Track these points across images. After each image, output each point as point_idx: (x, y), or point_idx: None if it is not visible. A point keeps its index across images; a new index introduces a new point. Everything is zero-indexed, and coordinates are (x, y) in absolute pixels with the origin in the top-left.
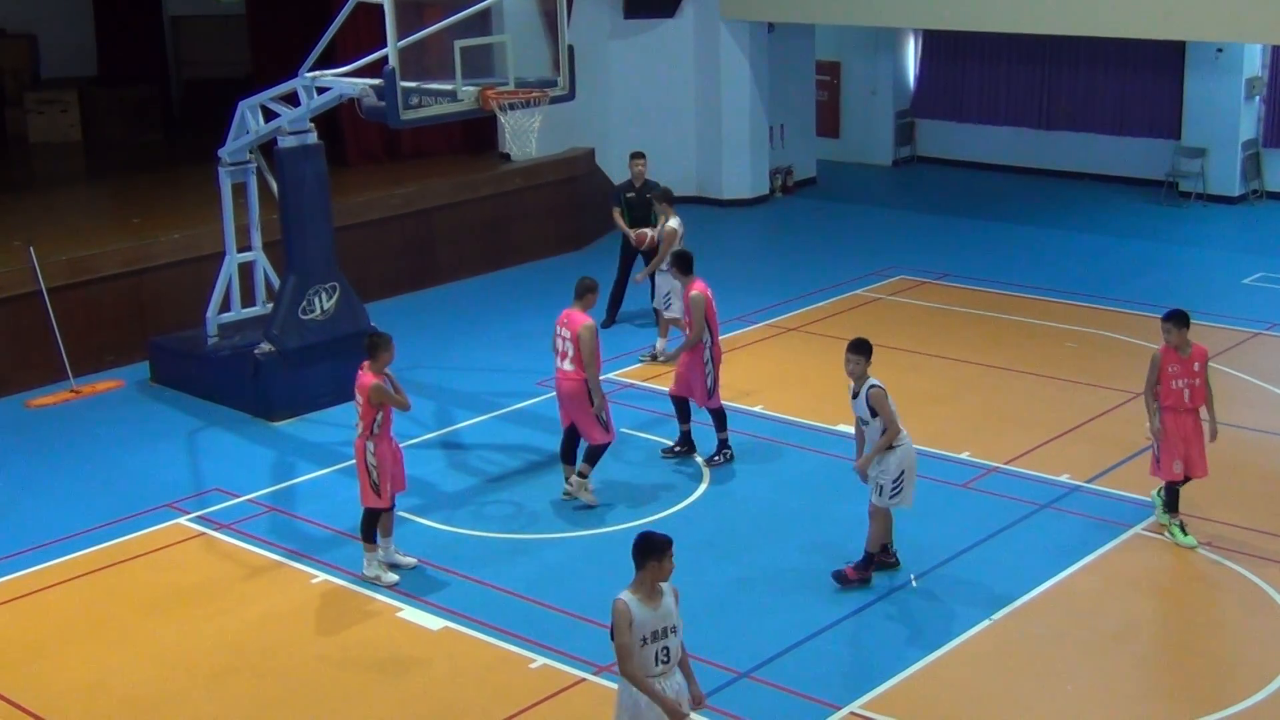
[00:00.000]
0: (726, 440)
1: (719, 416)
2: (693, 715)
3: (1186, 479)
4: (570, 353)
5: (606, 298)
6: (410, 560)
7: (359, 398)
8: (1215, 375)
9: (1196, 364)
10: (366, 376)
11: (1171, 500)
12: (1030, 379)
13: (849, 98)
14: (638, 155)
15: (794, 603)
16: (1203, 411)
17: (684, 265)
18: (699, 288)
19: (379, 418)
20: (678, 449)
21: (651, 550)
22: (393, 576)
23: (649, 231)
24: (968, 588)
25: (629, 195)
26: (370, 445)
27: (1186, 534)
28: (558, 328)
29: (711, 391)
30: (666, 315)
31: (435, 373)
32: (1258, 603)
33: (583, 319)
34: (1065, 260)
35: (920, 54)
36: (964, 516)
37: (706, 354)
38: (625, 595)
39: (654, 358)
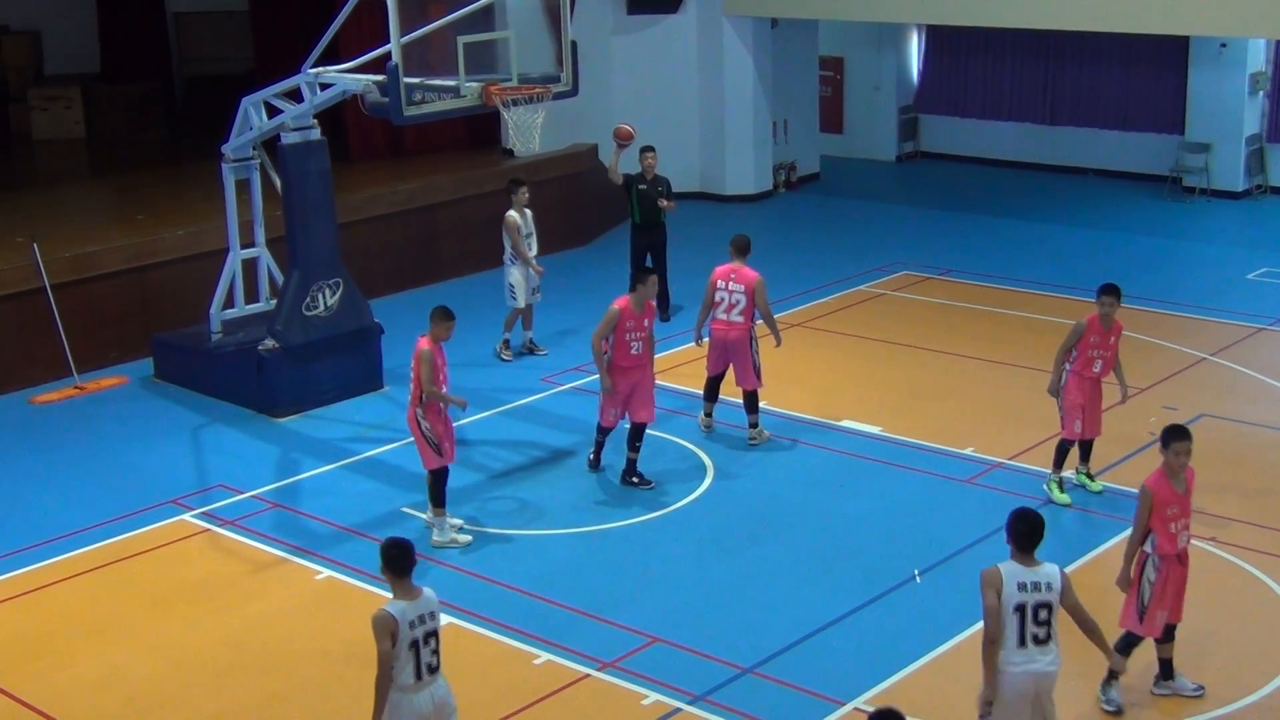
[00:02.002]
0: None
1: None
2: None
3: (1086, 440)
4: (741, 304)
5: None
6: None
7: (413, 363)
8: (1219, 370)
9: (1113, 338)
10: (422, 341)
11: (1060, 458)
12: (1034, 374)
13: (852, 93)
14: (648, 149)
15: (798, 598)
16: (1111, 375)
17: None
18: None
19: (437, 388)
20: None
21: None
22: (466, 537)
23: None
24: (972, 583)
25: (640, 187)
26: (420, 412)
27: (1064, 491)
28: (723, 282)
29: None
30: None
31: None
32: (1261, 597)
33: (753, 273)
34: (1069, 256)
35: (924, 49)
36: (968, 512)
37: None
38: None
39: (531, 351)
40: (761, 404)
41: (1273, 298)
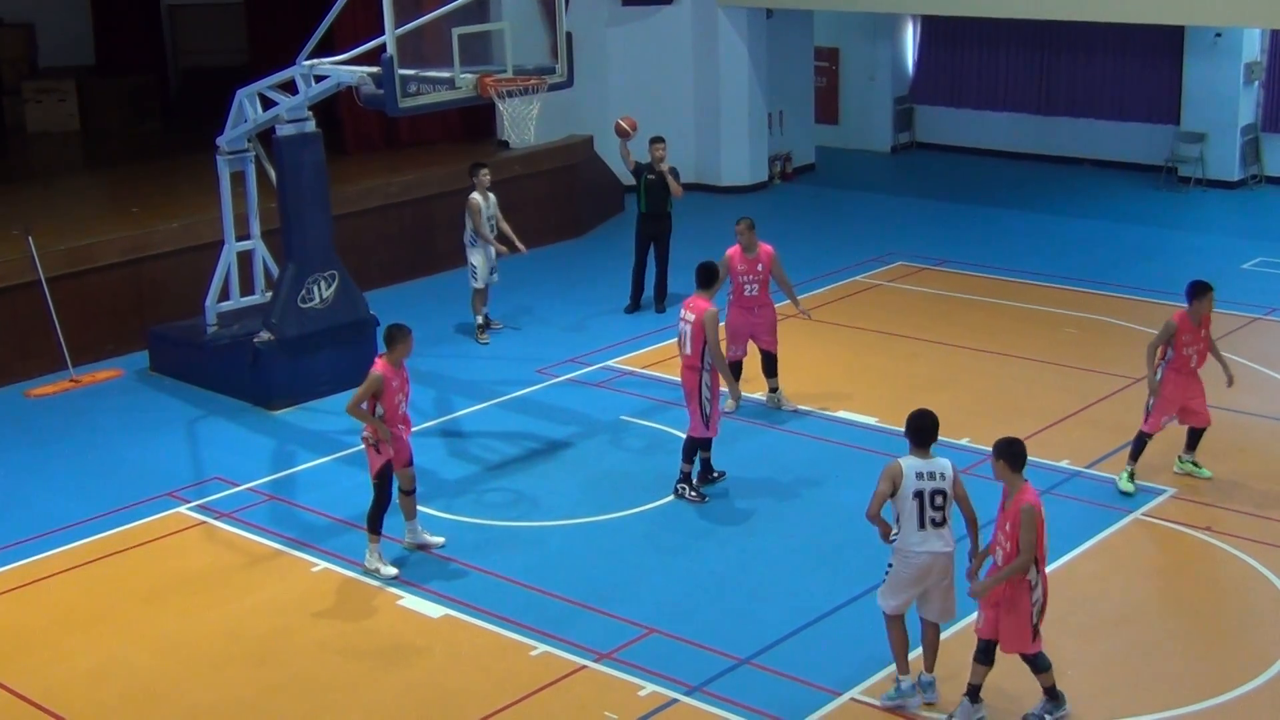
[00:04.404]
0: (690, 475)
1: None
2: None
3: (1196, 430)
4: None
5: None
6: (438, 539)
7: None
8: (1215, 360)
9: (1204, 330)
10: (378, 363)
11: (1137, 449)
12: (1030, 365)
13: (848, 84)
14: (657, 140)
15: (795, 588)
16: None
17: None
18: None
19: (378, 409)
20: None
21: None
22: (391, 570)
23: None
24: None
25: (650, 177)
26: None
27: (1132, 482)
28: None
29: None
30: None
31: (434, 361)
32: (1258, 587)
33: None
34: (1064, 246)
35: (919, 40)
36: None
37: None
38: None
39: (488, 329)
40: (758, 395)
41: (1268, 287)
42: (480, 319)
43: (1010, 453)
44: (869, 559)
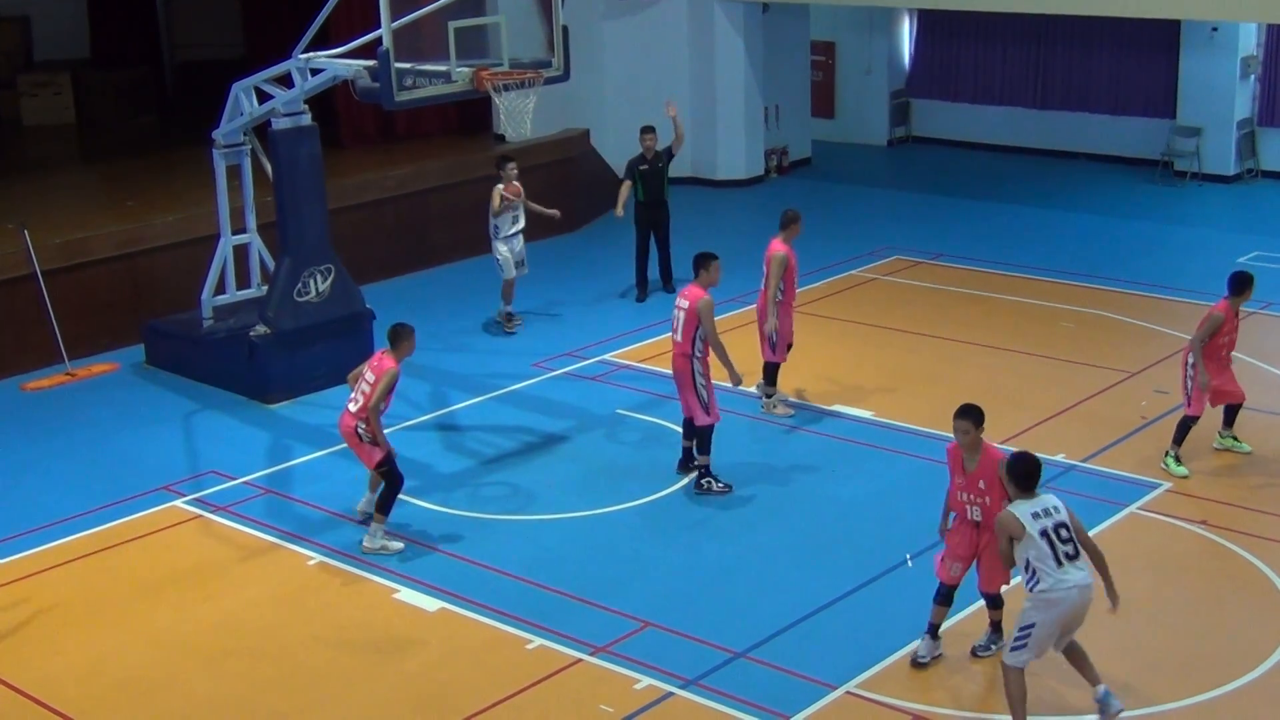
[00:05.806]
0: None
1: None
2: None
3: (1232, 407)
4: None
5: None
6: (398, 545)
7: (371, 376)
8: None
9: (1238, 320)
10: (388, 360)
11: (1181, 434)
12: (1026, 359)
13: (844, 78)
14: (647, 129)
15: (790, 582)
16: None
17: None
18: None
19: (383, 405)
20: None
21: None
22: (398, 544)
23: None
24: None
25: (643, 168)
26: (360, 425)
27: (1180, 464)
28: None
29: (708, 407)
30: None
31: (431, 355)
32: (1254, 581)
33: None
34: (1060, 240)
35: (915, 33)
36: None
37: (698, 365)
38: None
39: (509, 319)
40: (754, 389)
41: (1263, 281)
42: (508, 309)
43: (965, 410)
44: (865, 553)
